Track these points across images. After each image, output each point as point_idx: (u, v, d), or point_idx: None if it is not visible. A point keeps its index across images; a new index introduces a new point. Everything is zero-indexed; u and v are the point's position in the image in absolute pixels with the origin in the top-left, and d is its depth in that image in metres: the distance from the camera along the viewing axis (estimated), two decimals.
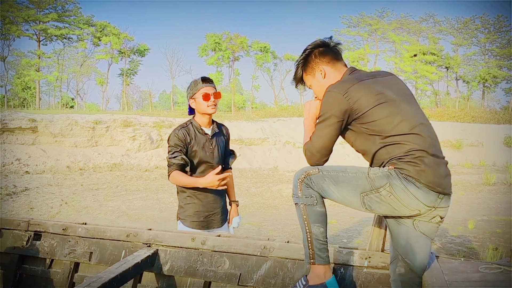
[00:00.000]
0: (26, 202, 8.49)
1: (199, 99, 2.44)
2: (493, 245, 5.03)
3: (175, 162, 2.36)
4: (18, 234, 2.51)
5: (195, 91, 2.45)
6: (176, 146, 2.39)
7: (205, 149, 2.45)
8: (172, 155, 2.37)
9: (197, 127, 2.48)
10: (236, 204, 2.69)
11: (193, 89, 2.46)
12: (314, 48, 1.78)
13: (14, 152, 14.36)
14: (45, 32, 29.83)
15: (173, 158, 2.36)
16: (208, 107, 2.43)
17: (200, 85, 2.44)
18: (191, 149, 2.43)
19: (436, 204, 1.52)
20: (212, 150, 2.48)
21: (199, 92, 2.44)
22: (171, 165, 2.37)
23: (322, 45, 1.78)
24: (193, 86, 2.47)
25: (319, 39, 1.80)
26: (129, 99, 39.76)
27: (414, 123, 1.56)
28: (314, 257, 1.64)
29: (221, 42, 31.90)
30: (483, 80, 34.29)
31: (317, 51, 1.77)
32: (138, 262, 2.02)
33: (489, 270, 1.56)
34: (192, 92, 2.47)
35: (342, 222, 6.74)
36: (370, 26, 35.22)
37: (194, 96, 2.46)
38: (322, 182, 1.62)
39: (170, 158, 2.37)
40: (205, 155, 2.45)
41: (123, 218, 7.27)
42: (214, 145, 2.50)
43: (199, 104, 2.45)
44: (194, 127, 2.48)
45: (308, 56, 1.79)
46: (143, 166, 15.73)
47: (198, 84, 2.45)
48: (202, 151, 2.44)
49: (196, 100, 2.46)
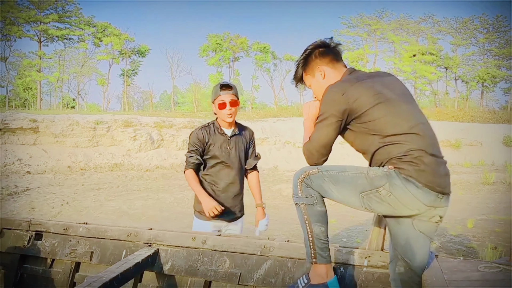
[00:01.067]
0: (27, 202, 8.49)
1: (216, 106, 2.52)
2: (492, 244, 5.03)
3: (191, 161, 2.50)
4: (19, 234, 2.52)
5: (214, 98, 2.53)
6: (194, 145, 2.50)
7: (222, 148, 2.51)
8: (189, 154, 2.51)
9: (217, 127, 2.56)
10: (262, 207, 2.70)
11: (213, 95, 2.54)
12: (315, 48, 1.79)
13: (15, 152, 14.36)
14: (46, 33, 29.82)
15: (189, 157, 2.51)
16: (225, 115, 2.50)
17: (218, 92, 2.50)
18: (208, 148, 2.51)
19: (436, 203, 1.53)
20: (229, 151, 2.53)
21: (217, 99, 2.51)
22: (187, 164, 2.52)
23: (322, 45, 1.79)
24: (214, 91, 2.54)
25: (319, 40, 1.81)
26: (130, 100, 39.76)
27: (413, 123, 1.57)
28: (316, 256, 1.65)
29: (222, 42, 31.91)
30: (482, 80, 34.25)
31: (318, 51, 1.78)
32: (139, 261, 2.03)
33: (488, 269, 1.57)
34: (212, 98, 2.56)
35: (341, 222, 6.75)
36: (369, 27, 35.18)
37: (214, 101, 2.54)
38: (321, 182, 1.63)
39: (187, 156, 2.52)
40: (221, 154, 2.51)
41: (124, 218, 7.27)
42: (232, 146, 2.55)
43: (217, 111, 2.53)
44: (215, 127, 2.56)
45: (309, 56, 1.80)
46: (144, 166, 15.73)
47: (217, 90, 2.51)
48: (219, 150, 2.50)
49: (215, 106, 2.54)
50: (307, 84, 1.86)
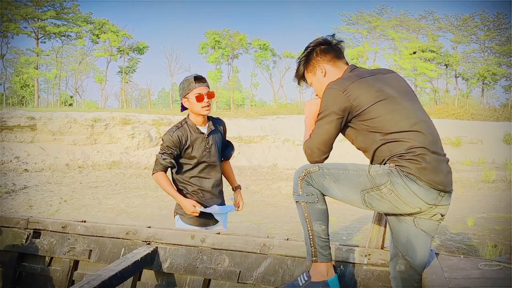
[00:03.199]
0: (25, 200, 8.48)
1: (192, 99, 2.40)
2: (493, 242, 5.04)
3: (162, 163, 2.39)
4: (17, 232, 2.51)
5: (188, 91, 2.40)
6: (168, 148, 2.38)
7: (202, 148, 2.43)
8: (162, 155, 2.39)
9: (192, 126, 2.45)
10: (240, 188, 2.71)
11: (186, 89, 2.41)
12: (316, 46, 1.77)
13: (13, 150, 14.33)
14: (44, 30, 29.73)
15: (163, 159, 2.38)
16: (202, 108, 2.39)
17: (193, 84, 2.39)
18: (187, 150, 2.41)
19: (437, 201, 1.52)
20: (208, 150, 2.46)
21: (192, 92, 2.39)
22: (157, 165, 2.40)
23: (324, 43, 1.78)
24: (186, 85, 2.41)
25: (321, 37, 1.80)
26: (128, 97, 39.70)
27: (414, 120, 1.56)
28: (316, 254, 1.64)
29: (221, 39, 31.84)
30: (483, 77, 34.28)
31: (319, 49, 1.77)
32: (138, 259, 2.02)
33: (489, 267, 1.56)
34: (184, 92, 2.42)
35: (341, 220, 6.75)
36: (369, 24, 35.15)
37: (187, 95, 2.42)
38: (322, 179, 1.61)
39: (159, 157, 2.40)
40: (202, 154, 2.43)
41: (123, 216, 7.26)
42: (211, 144, 2.48)
43: (192, 105, 2.41)
44: (189, 127, 2.45)
45: (310, 54, 1.78)
46: (142, 164, 15.72)
47: (191, 83, 2.39)
48: (198, 151, 2.42)
49: (190, 100, 2.42)
50: (308, 82, 1.84)
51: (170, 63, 42.04)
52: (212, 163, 2.47)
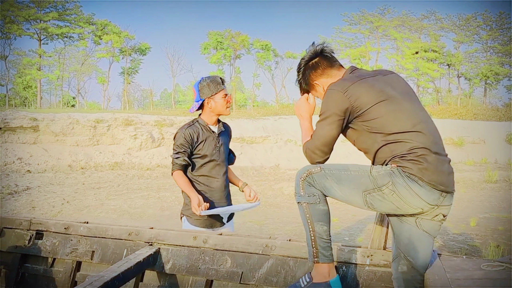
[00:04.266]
0: (27, 201, 8.50)
1: (219, 99, 2.47)
2: (495, 242, 5.02)
3: (178, 162, 2.42)
4: (20, 233, 2.52)
5: (216, 91, 2.47)
6: (181, 147, 2.42)
7: (212, 147, 2.49)
8: (176, 155, 2.43)
9: (204, 125, 2.51)
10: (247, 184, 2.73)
11: (214, 89, 2.47)
12: (306, 65, 1.78)
13: (15, 151, 14.39)
14: (46, 31, 29.83)
15: (176, 159, 2.42)
16: (227, 108, 2.50)
17: (220, 86, 2.48)
18: (198, 147, 2.46)
19: (439, 202, 1.52)
20: (218, 148, 2.52)
21: (220, 92, 2.48)
22: (174, 165, 2.44)
23: (310, 58, 1.77)
24: (214, 85, 2.48)
25: (306, 55, 1.80)
26: (130, 98, 39.80)
27: (415, 121, 1.55)
28: (318, 255, 1.64)
29: (223, 40, 31.86)
30: (485, 77, 34.16)
31: (308, 66, 1.77)
32: (140, 260, 2.02)
33: (491, 268, 1.56)
34: (212, 92, 2.47)
35: (343, 220, 6.74)
36: (371, 24, 35.09)
37: (214, 96, 2.48)
38: (324, 180, 1.62)
39: (174, 157, 2.44)
40: (212, 152, 2.48)
41: (125, 217, 7.28)
42: (221, 143, 2.54)
43: (218, 104, 2.48)
44: (201, 126, 2.51)
45: (303, 75, 1.80)
46: (145, 164, 15.74)
47: (219, 84, 2.48)
48: (209, 149, 2.47)
49: (215, 100, 2.48)
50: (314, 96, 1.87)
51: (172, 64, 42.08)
52: (221, 162, 2.53)
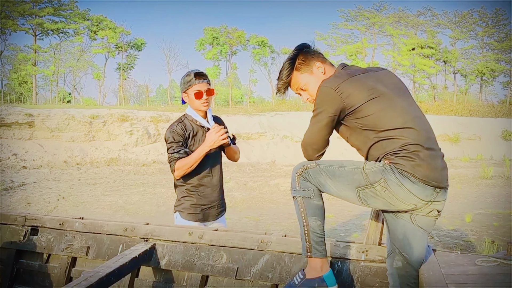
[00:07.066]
0: (23, 197, 8.47)
1: (191, 95, 2.40)
2: (490, 238, 5.06)
3: (177, 156, 2.30)
4: (15, 229, 2.50)
5: (188, 87, 2.40)
6: (178, 141, 2.34)
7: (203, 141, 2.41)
8: (175, 149, 2.31)
9: (193, 120, 2.45)
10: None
11: (186, 84, 2.41)
12: (302, 49, 1.75)
13: (11, 147, 14.31)
14: (41, 27, 29.61)
15: (175, 153, 2.31)
16: (201, 104, 2.39)
17: (193, 81, 2.38)
18: (190, 143, 2.40)
19: (433, 198, 1.52)
20: None
21: (191, 88, 2.39)
22: (172, 160, 2.31)
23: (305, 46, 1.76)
24: (187, 81, 2.41)
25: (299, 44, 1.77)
26: (126, 94, 39.63)
27: (408, 117, 1.55)
28: (311, 250, 1.64)
29: (219, 36, 31.74)
30: (481, 73, 34.31)
31: (305, 51, 1.74)
32: (136, 256, 2.02)
33: (486, 263, 1.57)
34: (184, 87, 2.43)
35: (339, 216, 6.77)
36: (368, 20, 35.09)
37: (187, 91, 2.42)
38: (319, 176, 1.62)
39: (172, 152, 2.31)
40: None
41: (121, 213, 7.27)
42: None
43: (191, 101, 2.42)
44: (190, 121, 2.45)
45: (298, 55, 1.73)
46: (141, 160, 15.71)
47: (192, 79, 2.39)
48: (200, 144, 2.41)
49: (189, 96, 2.42)
50: (301, 85, 1.75)
51: (168, 59, 41.99)
52: (213, 156, 2.46)
